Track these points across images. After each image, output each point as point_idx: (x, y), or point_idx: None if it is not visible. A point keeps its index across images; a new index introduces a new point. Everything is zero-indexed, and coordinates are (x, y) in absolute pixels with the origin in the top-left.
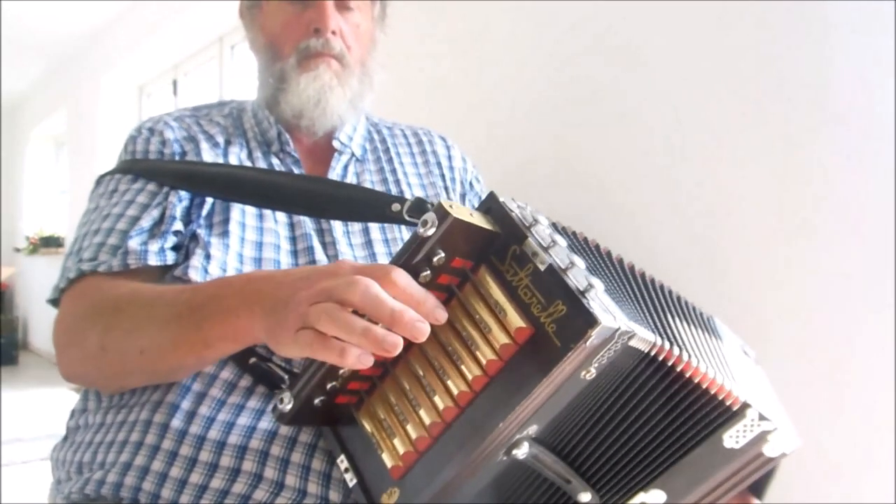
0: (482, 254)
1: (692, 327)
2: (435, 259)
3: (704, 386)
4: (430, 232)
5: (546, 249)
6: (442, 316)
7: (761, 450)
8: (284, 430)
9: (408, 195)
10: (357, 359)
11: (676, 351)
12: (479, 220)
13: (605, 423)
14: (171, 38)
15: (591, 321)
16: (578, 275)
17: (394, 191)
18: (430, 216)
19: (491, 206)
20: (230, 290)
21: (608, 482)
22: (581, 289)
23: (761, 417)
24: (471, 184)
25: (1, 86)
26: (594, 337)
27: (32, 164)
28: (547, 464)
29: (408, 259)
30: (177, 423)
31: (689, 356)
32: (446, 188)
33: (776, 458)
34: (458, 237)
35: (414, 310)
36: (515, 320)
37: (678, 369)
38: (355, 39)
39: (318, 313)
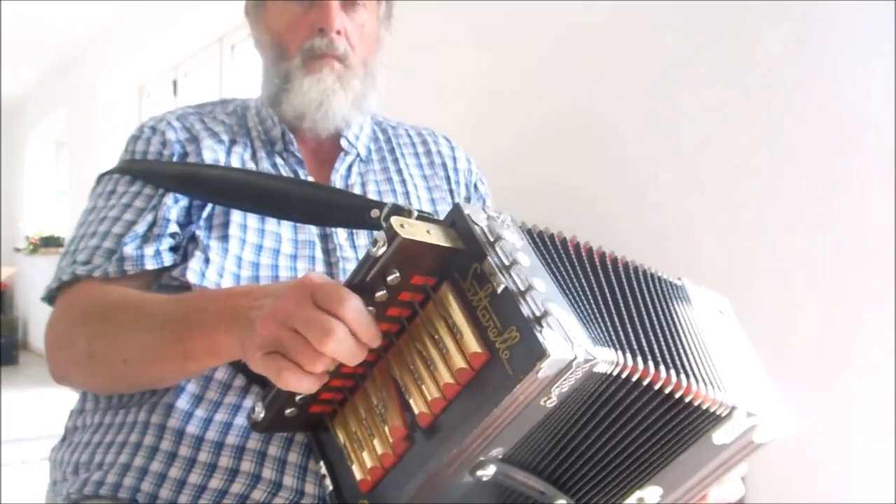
0: (445, 270)
1: (676, 321)
2: (389, 278)
3: (688, 399)
4: (381, 252)
5: (506, 269)
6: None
7: (751, 439)
8: None
9: (413, 196)
10: (318, 385)
11: (652, 368)
12: (437, 238)
13: (585, 439)
14: (171, 38)
15: (539, 353)
16: (537, 299)
17: (399, 191)
18: (381, 235)
19: (455, 219)
20: (212, 305)
21: (598, 489)
22: (536, 315)
23: (748, 414)
24: (475, 186)
25: (1, 86)
26: (544, 368)
27: (32, 164)
28: (518, 481)
29: (361, 278)
30: (174, 423)
31: (666, 370)
32: (451, 190)
33: (766, 442)
34: (414, 256)
35: (354, 336)
36: (472, 344)
37: (654, 386)
38: (359, 39)
39: (294, 347)
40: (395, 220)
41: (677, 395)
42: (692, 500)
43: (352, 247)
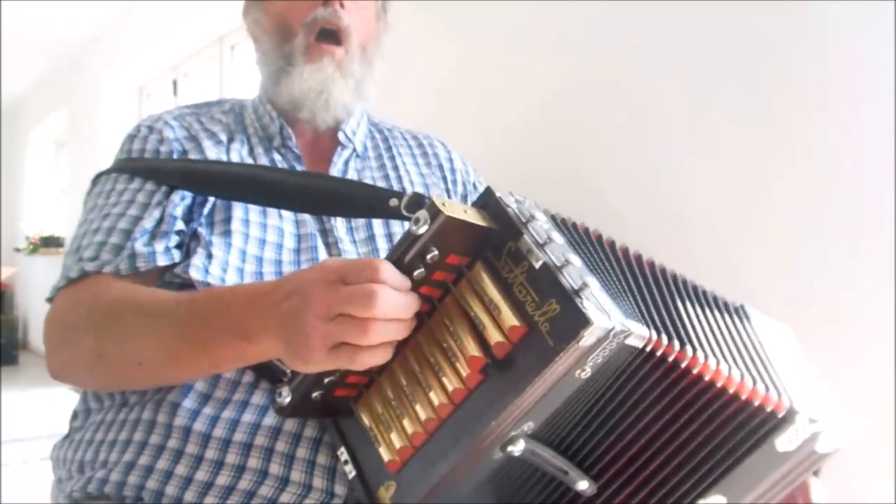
0: (478, 250)
1: (714, 318)
2: (429, 257)
3: (732, 390)
4: (423, 230)
5: (542, 246)
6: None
7: (814, 448)
8: (289, 426)
9: (409, 192)
10: (391, 353)
11: (677, 346)
12: (473, 217)
13: (616, 420)
14: (171, 38)
15: (583, 321)
16: (573, 273)
17: (395, 187)
18: (423, 214)
19: (487, 201)
20: (233, 312)
21: (632, 481)
22: (575, 288)
23: (811, 420)
24: (474, 185)
25: (1, 86)
26: (586, 337)
27: (32, 164)
28: (544, 458)
29: (401, 256)
30: (181, 421)
31: (700, 352)
32: (447, 190)
33: (830, 453)
34: (452, 234)
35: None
36: (510, 318)
37: (680, 365)
38: (360, 20)
39: (348, 330)
40: (436, 199)
41: (706, 377)
42: None
43: (352, 241)
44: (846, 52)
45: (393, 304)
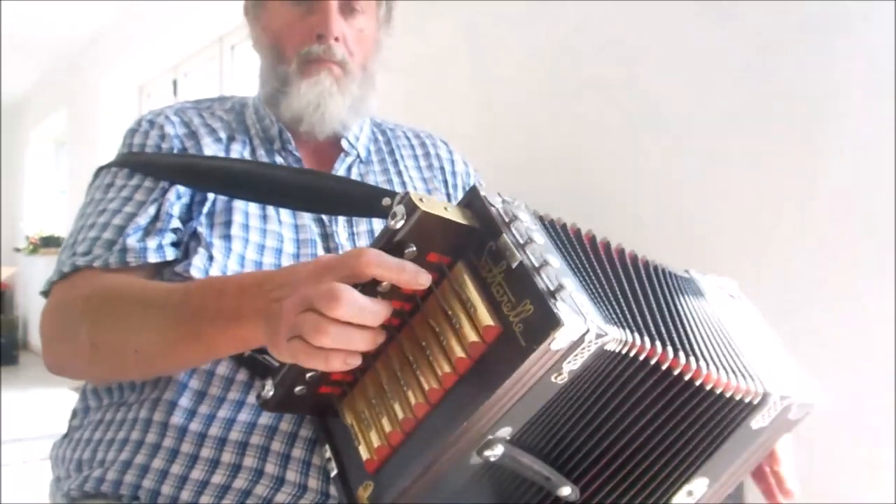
0: (460, 250)
1: (694, 313)
2: (406, 252)
3: (709, 387)
4: (399, 224)
5: (521, 247)
6: (426, 279)
7: (787, 417)
8: (285, 425)
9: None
10: (343, 363)
11: (660, 349)
12: (453, 215)
13: (597, 426)
14: (171, 38)
15: (554, 322)
16: (550, 274)
17: (397, 189)
18: (400, 209)
19: (472, 200)
20: (226, 299)
21: (612, 481)
22: (551, 289)
23: (782, 397)
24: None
25: (1, 86)
26: (558, 339)
27: (32, 164)
28: (524, 465)
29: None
30: (177, 420)
31: (675, 352)
32: (448, 194)
33: (802, 417)
34: (430, 231)
35: (395, 280)
36: (485, 318)
37: (661, 367)
38: (358, 44)
39: (305, 326)
40: (413, 195)
41: (686, 377)
42: (736, 482)
43: (353, 248)
44: (847, 52)
45: (358, 307)
